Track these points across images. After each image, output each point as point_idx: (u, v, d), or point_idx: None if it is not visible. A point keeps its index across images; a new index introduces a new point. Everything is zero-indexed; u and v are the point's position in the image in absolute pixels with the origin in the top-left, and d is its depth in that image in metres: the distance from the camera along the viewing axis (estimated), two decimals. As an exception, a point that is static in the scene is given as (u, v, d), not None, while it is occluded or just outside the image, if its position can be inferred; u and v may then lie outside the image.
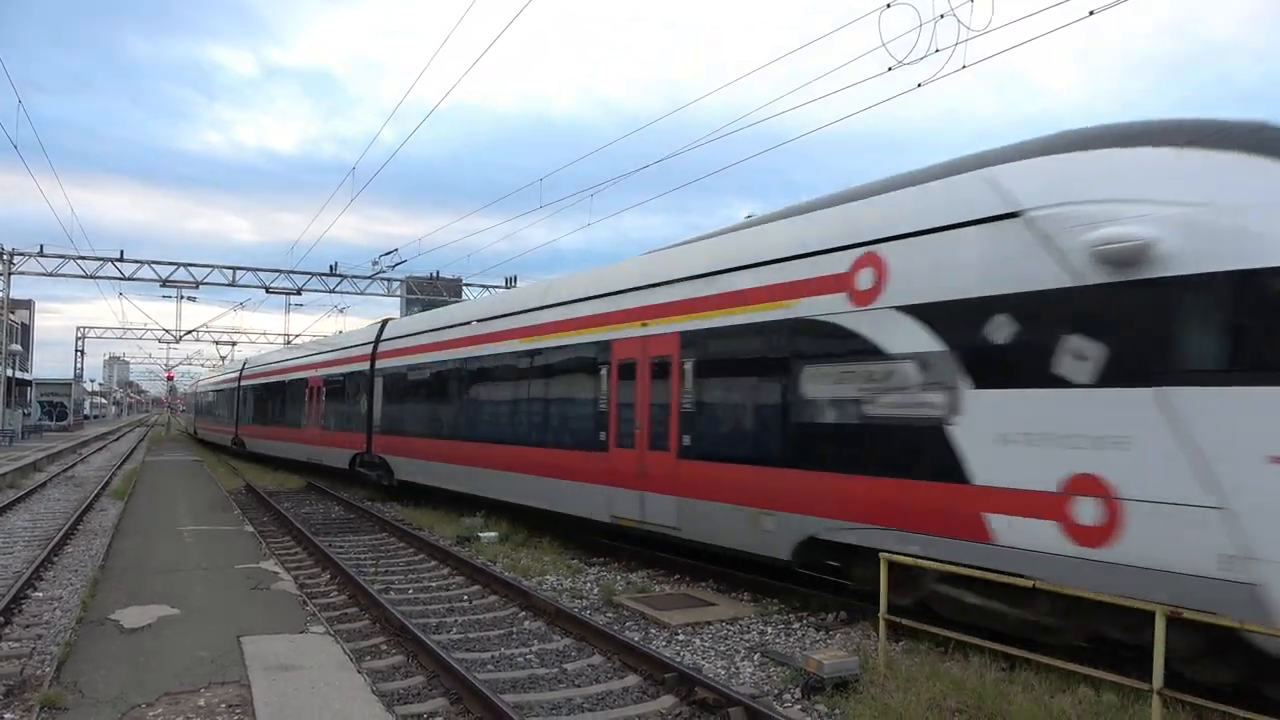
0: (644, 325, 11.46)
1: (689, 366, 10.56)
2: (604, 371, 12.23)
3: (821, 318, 8.80)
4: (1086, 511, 6.47)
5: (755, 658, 7.91)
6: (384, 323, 22.96)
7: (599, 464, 12.22)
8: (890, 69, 10.30)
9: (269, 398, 32.94)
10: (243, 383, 38.17)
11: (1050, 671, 6.59)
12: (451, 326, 17.93)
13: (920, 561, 7.22)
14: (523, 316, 14.83)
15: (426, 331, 19.19)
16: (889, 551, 7.47)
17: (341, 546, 14.28)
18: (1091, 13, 8.90)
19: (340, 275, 39.33)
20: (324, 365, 26.05)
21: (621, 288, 12.27)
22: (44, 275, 35.78)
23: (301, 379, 28.22)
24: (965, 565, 7.09)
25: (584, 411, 12.76)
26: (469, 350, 16.66)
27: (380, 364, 21.36)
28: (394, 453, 20.19)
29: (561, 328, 13.55)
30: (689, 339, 10.61)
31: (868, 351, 8.23)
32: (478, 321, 16.64)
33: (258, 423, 34.82)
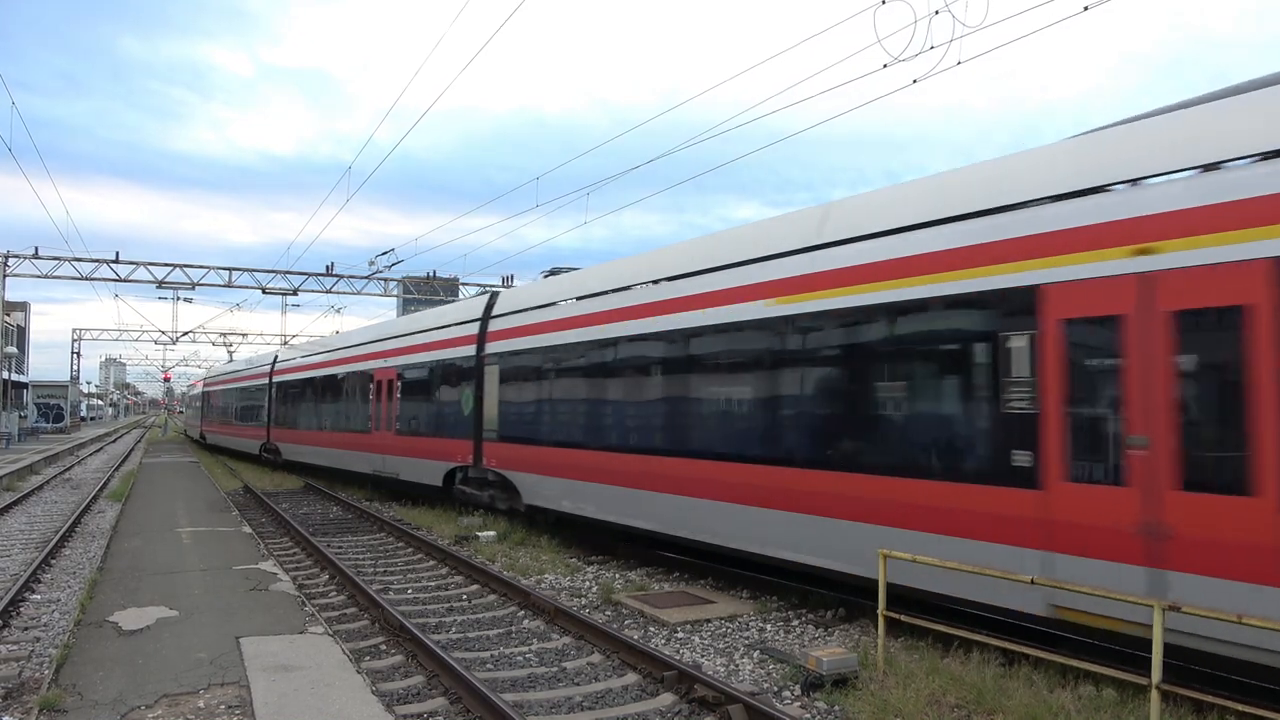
0: (1143, 252, 6.41)
1: None
2: (1011, 341, 7.16)
3: None
4: None
5: (754, 655, 7.92)
6: (493, 295, 17.81)
7: (1010, 508, 7.07)
8: (886, 66, 10.30)
9: (318, 395, 26.51)
10: (277, 378, 31.41)
11: (1050, 667, 6.60)
12: (621, 290, 12.57)
13: None
14: (781, 263, 9.58)
15: (582, 298, 13.62)
16: None
17: (340, 547, 14.28)
18: (1086, 8, 8.90)
19: (337, 275, 39.49)
20: (401, 352, 20.54)
21: (1046, 193, 7.15)
22: (39, 277, 35.81)
23: (364, 371, 22.42)
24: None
25: (956, 412, 7.71)
26: (673, 319, 11.16)
27: (494, 346, 16.14)
28: (523, 468, 14.75)
29: (883, 273, 8.31)
30: None
31: None
32: (667, 281, 11.48)
33: (301, 426, 28.06)
